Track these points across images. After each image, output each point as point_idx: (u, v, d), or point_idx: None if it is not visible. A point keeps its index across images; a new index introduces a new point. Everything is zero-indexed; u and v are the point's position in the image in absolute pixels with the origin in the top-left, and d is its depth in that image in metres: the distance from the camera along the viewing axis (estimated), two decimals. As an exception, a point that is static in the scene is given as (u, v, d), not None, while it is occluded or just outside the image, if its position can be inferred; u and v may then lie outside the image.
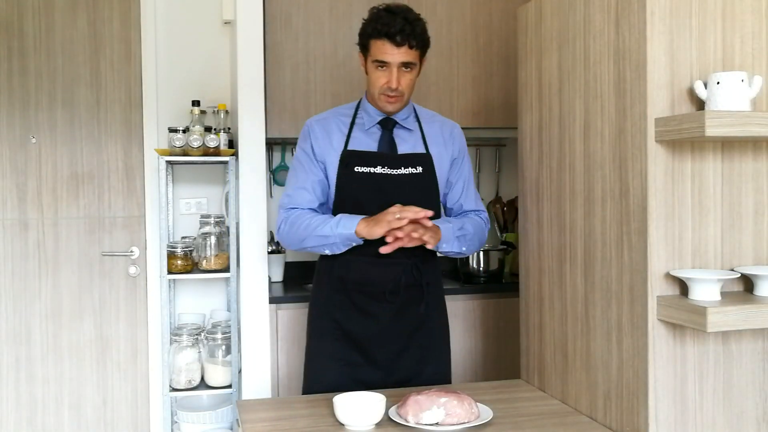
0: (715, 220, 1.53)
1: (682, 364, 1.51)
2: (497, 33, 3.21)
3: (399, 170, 2.04)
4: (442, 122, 2.18)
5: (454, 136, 2.16)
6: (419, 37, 1.94)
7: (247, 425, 1.67)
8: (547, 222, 1.91)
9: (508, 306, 3.01)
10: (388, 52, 1.93)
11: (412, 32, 1.92)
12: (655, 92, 1.47)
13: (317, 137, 2.07)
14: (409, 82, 1.99)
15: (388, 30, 1.91)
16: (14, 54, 3.21)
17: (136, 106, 3.31)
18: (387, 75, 1.96)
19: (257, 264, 2.84)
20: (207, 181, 3.37)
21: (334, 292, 2.08)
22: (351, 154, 2.04)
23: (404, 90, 1.99)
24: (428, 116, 2.17)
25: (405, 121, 2.10)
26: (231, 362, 2.96)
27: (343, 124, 2.09)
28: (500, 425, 1.63)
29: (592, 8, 1.66)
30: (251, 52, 2.81)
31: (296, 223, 2.02)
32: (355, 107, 2.12)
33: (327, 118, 2.11)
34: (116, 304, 3.31)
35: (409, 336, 2.08)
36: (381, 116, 2.07)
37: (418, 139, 2.10)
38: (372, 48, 1.97)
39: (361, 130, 2.08)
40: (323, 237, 1.96)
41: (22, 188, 3.23)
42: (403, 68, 1.96)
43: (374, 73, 1.99)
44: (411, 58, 1.95)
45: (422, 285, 2.07)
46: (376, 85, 1.99)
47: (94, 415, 3.29)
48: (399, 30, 1.90)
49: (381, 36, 1.92)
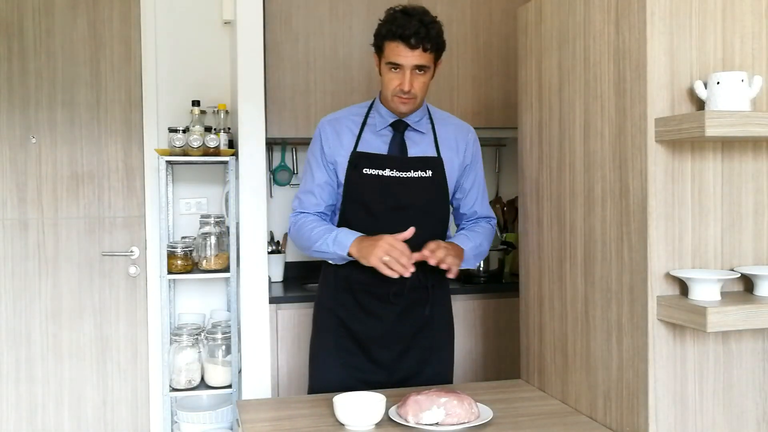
0: (715, 220, 1.53)
1: (682, 364, 1.51)
2: (497, 33, 3.21)
3: (408, 173, 2.03)
4: (457, 125, 2.15)
5: (468, 141, 2.14)
6: (434, 40, 1.92)
7: (247, 425, 1.67)
8: (547, 222, 1.91)
9: (508, 306, 3.01)
10: (401, 55, 1.91)
11: (427, 35, 1.90)
12: (655, 92, 1.47)
13: (327, 138, 2.07)
14: (422, 85, 1.98)
15: (403, 32, 1.89)
16: (14, 54, 3.21)
17: (136, 106, 3.31)
18: (400, 77, 1.95)
19: (257, 264, 2.84)
20: (207, 181, 3.37)
21: (339, 291, 2.09)
22: (360, 156, 2.03)
23: (417, 93, 1.97)
24: (442, 118, 2.15)
25: (417, 124, 2.08)
26: (231, 362, 2.96)
27: (354, 124, 2.08)
28: (500, 425, 1.63)
29: (592, 8, 1.66)
30: (251, 52, 2.81)
31: (301, 231, 2.05)
32: (369, 107, 2.11)
33: (339, 118, 2.10)
34: (116, 304, 3.31)
35: (412, 337, 2.08)
36: (393, 118, 2.06)
37: (430, 142, 2.09)
38: (386, 49, 1.95)
39: (372, 132, 2.07)
40: (322, 252, 2.01)
41: (22, 188, 3.23)
42: (416, 71, 1.95)
43: (387, 74, 1.98)
44: (425, 62, 1.94)
45: (427, 287, 2.07)
46: (389, 87, 1.98)
47: (94, 415, 3.29)
48: (414, 33, 1.89)
49: (395, 38, 1.91)
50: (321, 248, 1.99)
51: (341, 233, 1.97)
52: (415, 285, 2.04)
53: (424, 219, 2.04)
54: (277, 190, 3.38)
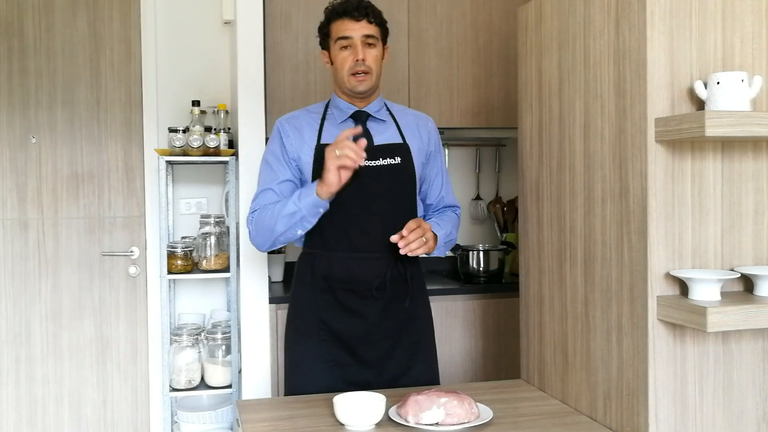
0: (715, 220, 1.53)
1: (682, 364, 1.51)
2: (497, 33, 3.21)
3: (377, 161, 2.03)
4: (416, 115, 2.20)
5: (430, 129, 2.18)
6: (377, 13, 2.03)
7: (247, 425, 1.67)
8: (547, 222, 1.91)
9: (508, 306, 3.01)
10: (349, 27, 1.99)
11: (369, 7, 2.01)
12: (655, 92, 1.47)
13: (288, 135, 2.06)
14: (374, 57, 2.02)
15: (346, 8, 2.00)
16: (14, 54, 3.21)
17: (136, 106, 3.31)
18: (352, 52, 2.00)
19: (257, 264, 2.84)
20: (207, 181, 3.37)
21: (318, 291, 2.04)
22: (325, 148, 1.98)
23: (371, 65, 2.01)
24: (400, 109, 2.19)
25: (378, 113, 2.10)
26: (231, 362, 2.96)
27: (313, 120, 2.09)
28: (500, 425, 1.63)
29: (592, 8, 1.66)
30: (251, 52, 2.81)
31: (261, 217, 2.00)
32: (325, 106, 2.13)
33: (297, 116, 2.12)
34: (116, 304, 3.31)
35: (397, 333, 2.06)
36: (352, 109, 2.07)
37: (394, 131, 2.11)
38: (333, 30, 2.02)
39: (333, 125, 2.08)
40: (290, 215, 1.92)
41: (22, 188, 3.23)
42: (367, 44, 2.00)
43: (339, 54, 2.02)
44: (372, 32, 2.01)
45: (407, 279, 2.07)
46: (344, 66, 2.01)
47: (94, 415, 3.29)
48: (355, 7, 1.99)
49: (340, 15, 2.01)
50: (288, 210, 1.91)
51: (303, 188, 1.95)
52: (395, 278, 2.04)
53: (394, 206, 2.04)
54: (277, 190, 3.38)
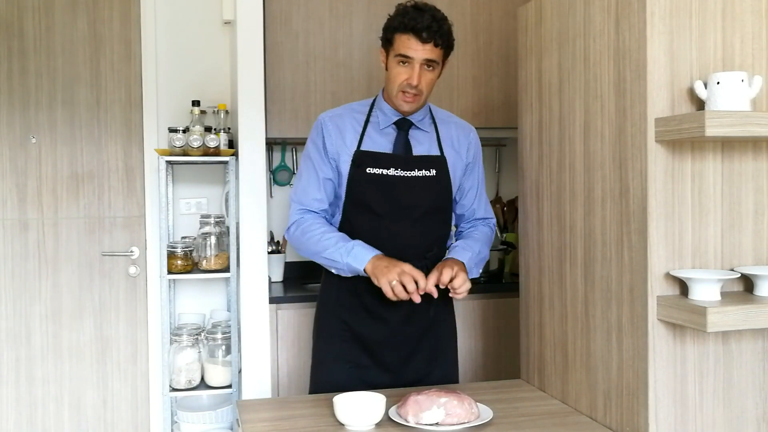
0: (715, 220, 1.53)
1: (682, 364, 1.51)
2: (497, 33, 3.21)
3: (413, 172, 2.00)
4: (459, 125, 2.14)
5: (470, 140, 2.12)
6: (445, 36, 1.92)
7: (247, 425, 1.67)
8: (547, 222, 1.91)
9: (508, 306, 3.01)
10: (412, 48, 1.89)
11: (439, 30, 1.89)
12: (655, 92, 1.47)
13: (330, 134, 2.02)
14: (429, 81, 1.96)
15: (415, 25, 1.88)
16: (14, 54, 3.21)
17: (136, 106, 3.31)
18: (408, 71, 1.92)
19: (257, 264, 2.84)
20: (207, 181, 3.37)
21: (343, 293, 2.04)
22: (363, 155, 1.99)
23: (423, 89, 1.95)
24: (444, 117, 2.13)
25: (421, 122, 2.05)
26: (231, 362, 2.96)
27: (357, 122, 2.04)
28: (500, 425, 1.63)
29: (592, 8, 1.66)
30: (251, 52, 2.81)
31: (307, 233, 1.98)
32: (370, 105, 2.08)
33: (341, 114, 2.06)
34: (116, 304, 3.31)
35: (418, 339, 2.06)
36: (397, 116, 2.03)
37: (433, 141, 2.06)
38: (396, 42, 1.92)
39: (376, 130, 2.03)
40: (332, 261, 1.93)
41: (22, 188, 3.23)
42: (425, 66, 1.92)
43: (395, 68, 1.95)
44: (435, 56, 1.92)
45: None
46: (396, 81, 1.95)
47: (94, 415, 3.29)
48: (426, 26, 1.87)
49: (407, 30, 1.89)
50: (332, 256, 1.92)
51: (358, 246, 1.91)
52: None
53: (429, 219, 2.02)
54: (277, 190, 3.38)
